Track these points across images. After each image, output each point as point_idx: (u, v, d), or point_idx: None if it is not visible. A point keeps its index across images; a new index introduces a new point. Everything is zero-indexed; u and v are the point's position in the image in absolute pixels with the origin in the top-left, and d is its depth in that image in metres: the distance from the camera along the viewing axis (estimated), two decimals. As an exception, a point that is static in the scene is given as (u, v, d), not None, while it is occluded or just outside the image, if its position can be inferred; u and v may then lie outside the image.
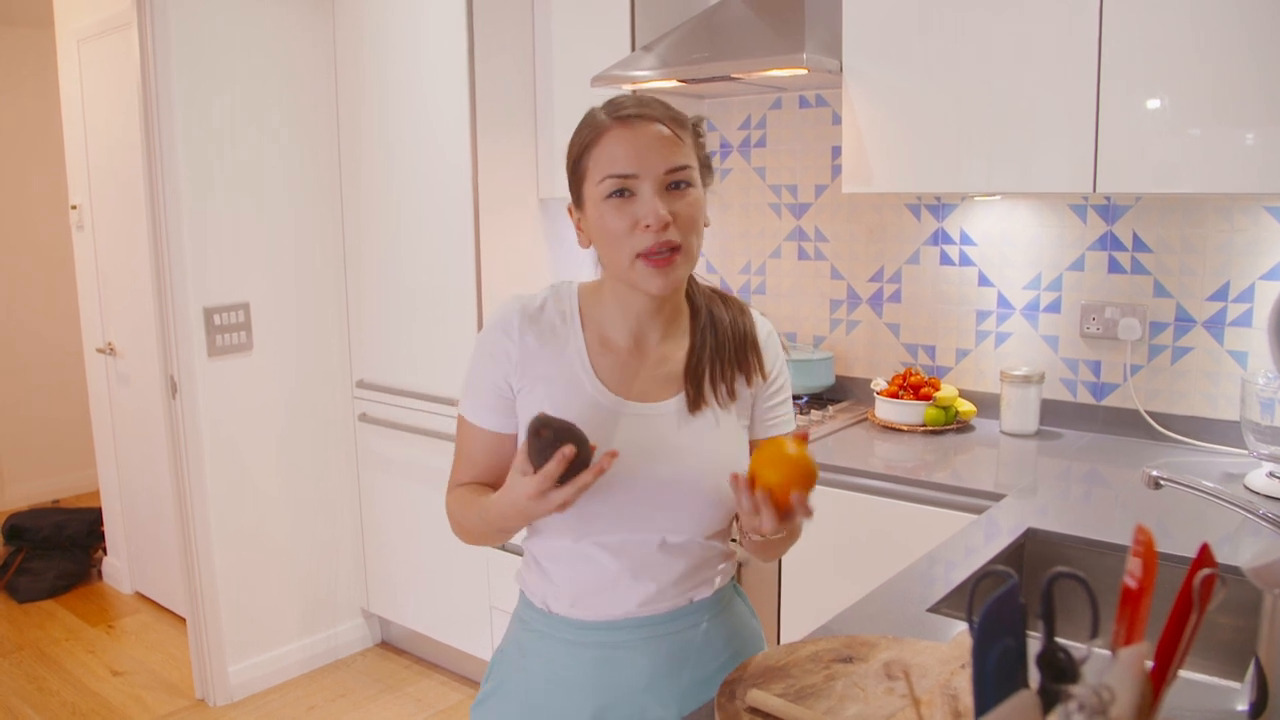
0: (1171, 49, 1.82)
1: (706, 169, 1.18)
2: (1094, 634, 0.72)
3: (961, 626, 1.27)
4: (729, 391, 1.19)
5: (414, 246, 2.88)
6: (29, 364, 4.83)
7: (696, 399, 1.17)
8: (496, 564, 2.81)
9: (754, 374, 1.22)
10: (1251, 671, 0.97)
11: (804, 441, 1.04)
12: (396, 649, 3.32)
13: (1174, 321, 2.23)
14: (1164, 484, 1.40)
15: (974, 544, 1.63)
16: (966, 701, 0.99)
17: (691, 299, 1.24)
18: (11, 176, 4.75)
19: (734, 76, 2.33)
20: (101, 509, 3.91)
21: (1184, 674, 1.11)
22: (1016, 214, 2.42)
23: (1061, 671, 0.71)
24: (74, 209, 3.75)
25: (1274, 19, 1.72)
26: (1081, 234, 2.33)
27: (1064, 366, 2.39)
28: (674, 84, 2.44)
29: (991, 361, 2.50)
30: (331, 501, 3.19)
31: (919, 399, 2.39)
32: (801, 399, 2.67)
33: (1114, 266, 2.30)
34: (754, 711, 1.00)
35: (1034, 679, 0.73)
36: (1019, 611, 0.74)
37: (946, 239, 2.54)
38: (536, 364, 1.17)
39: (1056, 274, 2.38)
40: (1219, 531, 1.66)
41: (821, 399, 2.71)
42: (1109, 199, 2.28)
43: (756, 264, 2.91)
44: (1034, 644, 0.74)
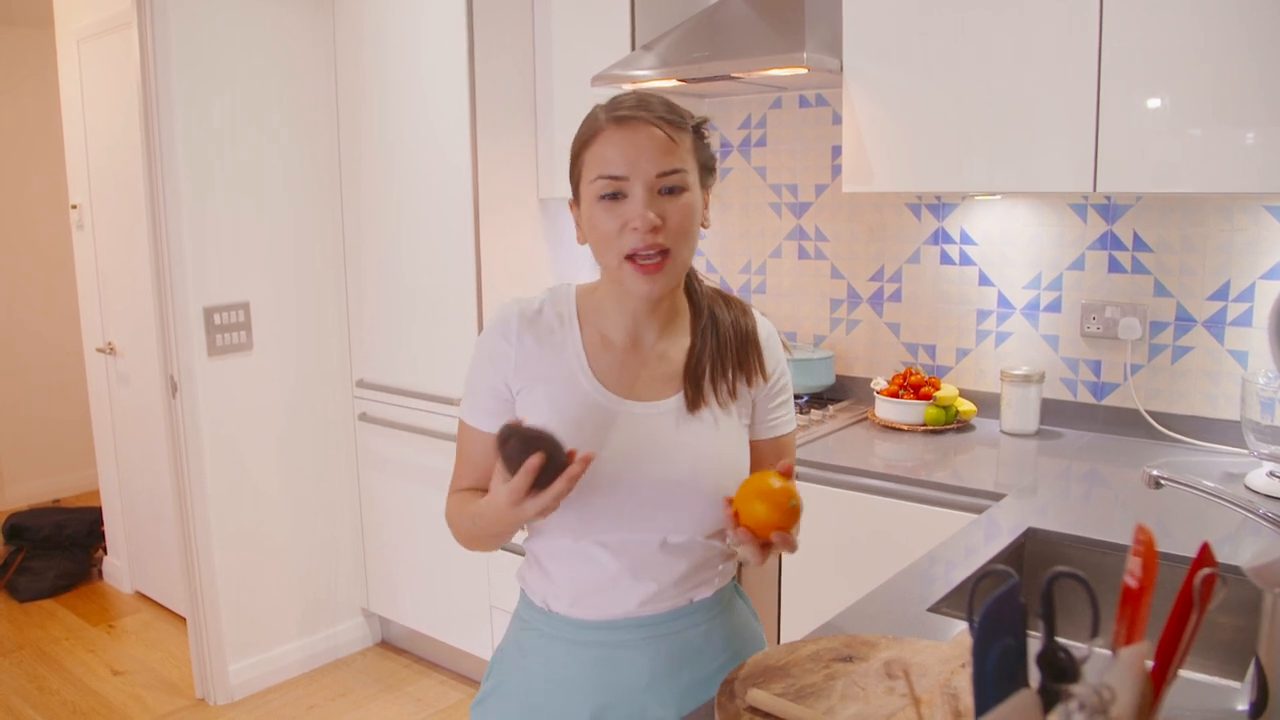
0: (1172, 49, 1.82)
1: (707, 171, 1.17)
2: (1094, 633, 0.72)
3: (961, 626, 1.27)
4: (730, 391, 1.19)
5: (414, 246, 2.88)
6: (29, 363, 4.83)
7: (695, 398, 1.17)
8: (496, 563, 2.82)
9: (755, 374, 1.22)
10: (1252, 671, 0.97)
11: (788, 476, 1.07)
12: (396, 648, 3.32)
13: (1174, 321, 2.23)
14: (1164, 483, 1.40)
15: (974, 543, 1.63)
16: (966, 701, 0.99)
17: (694, 298, 1.24)
18: (11, 176, 4.75)
19: (734, 76, 2.33)
20: (102, 508, 3.91)
21: (1184, 673, 1.11)
22: (1017, 213, 2.42)
23: (1062, 671, 0.71)
24: (74, 208, 3.75)
25: (1274, 19, 1.72)
26: (1082, 233, 2.33)
27: (1064, 366, 2.39)
28: (674, 83, 2.44)
29: (992, 361, 2.50)
30: (331, 501, 3.19)
31: (919, 398, 2.39)
32: (802, 398, 2.68)
33: (1114, 266, 2.30)
34: (754, 711, 1.00)
35: (1034, 678, 0.73)
36: (1019, 611, 0.74)
37: (947, 238, 2.54)
38: (535, 365, 1.17)
39: (1057, 273, 2.38)
40: (1219, 531, 1.66)
41: (821, 398, 2.71)
42: (1109, 198, 2.28)
43: (757, 263, 2.91)
44: (1034, 643, 0.73)
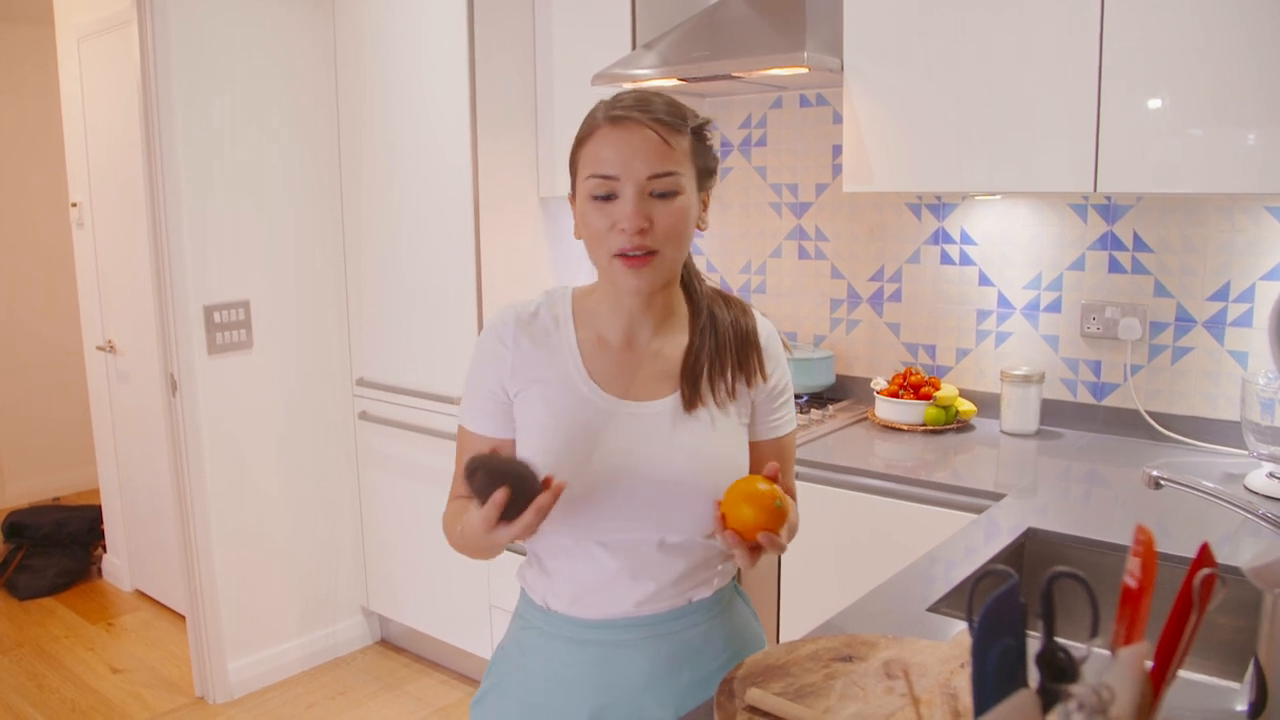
0: (1172, 49, 1.82)
1: (706, 174, 1.17)
2: (1094, 634, 0.72)
3: (961, 626, 1.27)
4: (729, 391, 1.19)
5: (414, 245, 2.88)
6: (29, 361, 4.83)
7: (692, 398, 1.17)
8: (496, 562, 2.81)
9: (755, 374, 1.22)
10: (1251, 671, 0.97)
11: (774, 479, 1.07)
12: (396, 647, 3.32)
13: (1174, 321, 2.23)
14: (1164, 484, 1.40)
15: (974, 543, 1.63)
16: (966, 701, 0.99)
17: (693, 298, 1.24)
18: (11, 174, 4.75)
19: (735, 75, 2.33)
20: (101, 506, 3.91)
21: (1184, 674, 1.11)
22: (1017, 213, 2.42)
23: (1061, 671, 0.71)
24: (74, 206, 3.75)
25: (1274, 19, 1.72)
26: (1082, 234, 2.33)
27: (1064, 366, 2.39)
28: (674, 83, 2.44)
29: (992, 361, 2.50)
30: (331, 499, 3.19)
31: (919, 398, 2.39)
32: (802, 398, 2.68)
33: (1114, 266, 2.30)
34: (753, 710, 1.00)
35: (1034, 678, 0.73)
36: (1019, 611, 0.74)
37: (947, 238, 2.54)
38: (531, 368, 1.18)
39: (1057, 274, 2.38)
40: (1219, 531, 1.66)
41: (821, 398, 2.71)
42: (1109, 199, 2.28)
43: (757, 263, 2.91)
44: (1034, 643, 0.73)
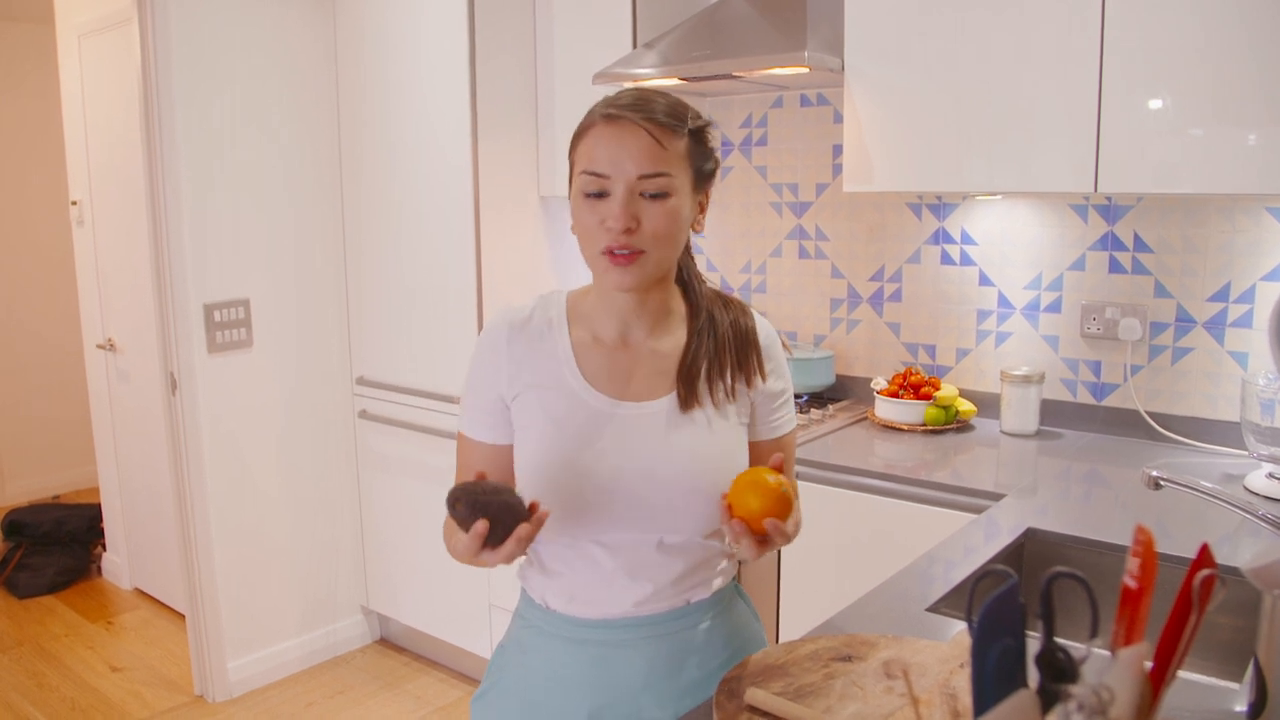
0: (1173, 49, 1.82)
1: (703, 177, 1.16)
2: (1093, 634, 0.72)
3: (961, 626, 1.27)
4: (728, 392, 1.19)
5: (414, 244, 2.88)
6: (29, 360, 4.83)
7: (688, 398, 1.17)
8: (496, 562, 2.81)
9: (754, 374, 1.22)
10: (1250, 672, 0.97)
11: (780, 470, 1.08)
12: (396, 646, 3.32)
13: (1174, 322, 2.23)
14: (1164, 484, 1.40)
15: (973, 543, 1.63)
16: (965, 701, 0.99)
17: (692, 299, 1.24)
18: (12, 172, 4.75)
19: (735, 75, 2.33)
20: (101, 505, 3.91)
21: (1183, 674, 1.11)
22: (1017, 214, 2.42)
23: (1061, 671, 0.71)
24: (74, 205, 3.74)
25: (1275, 19, 1.72)
26: (1082, 234, 2.33)
27: (1064, 366, 2.39)
28: (675, 82, 2.44)
29: (992, 361, 2.50)
30: (331, 498, 3.19)
31: (919, 398, 2.39)
32: (802, 398, 2.67)
33: (1115, 266, 2.29)
34: (752, 710, 1.00)
35: (1033, 679, 0.73)
36: (1018, 611, 0.74)
37: (947, 238, 2.54)
38: (526, 372, 1.18)
39: (1057, 274, 2.37)
40: (1219, 532, 1.66)
41: (821, 398, 2.71)
42: (1110, 199, 2.28)
43: (757, 263, 2.91)
44: (1033, 644, 0.73)
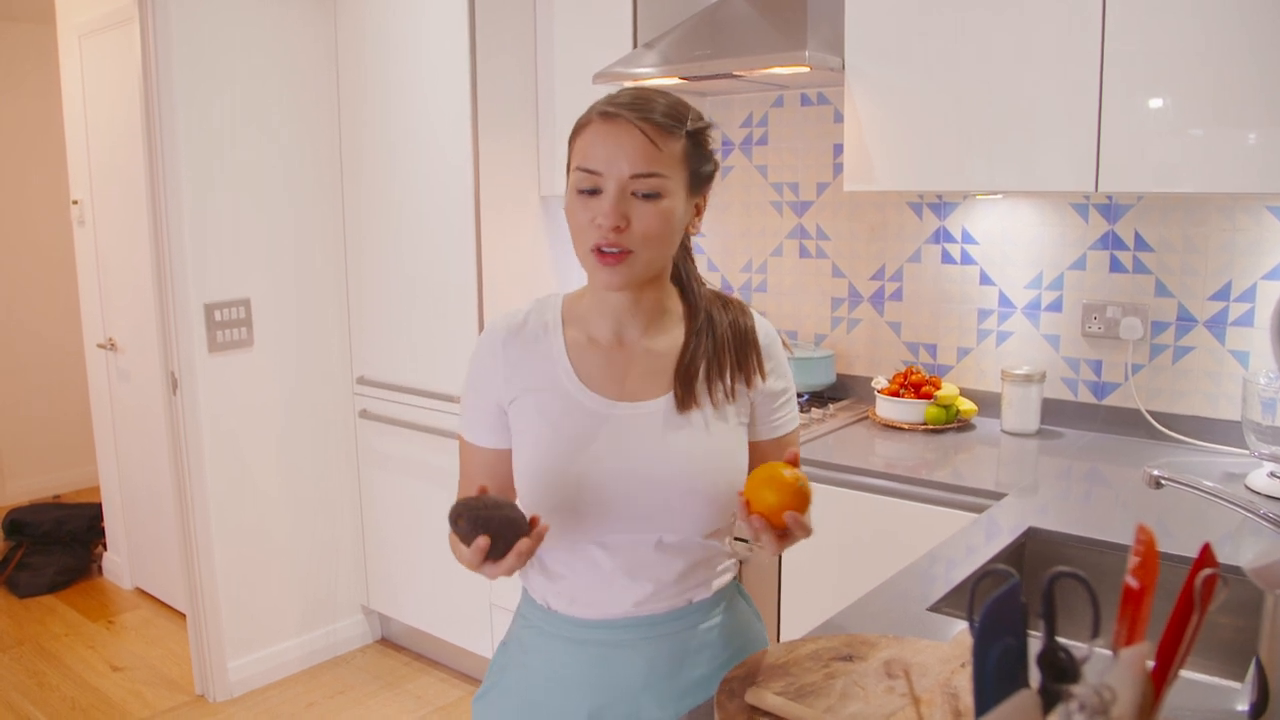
0: (1173, 49, 1.82)
1: (700, 179, 1.15)
2: (1095, 634, 0.72)
3: (962, 625, 1.27)
4: (727, 393, 1.19)
5: (415, 244, 2.88)
6: (29, 359, 4.83)
7: (685, 398, 1.17)
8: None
9: (754, 374, 1.22)
10: (1252, 671, 0.97)
11: (795, 464, 1.07)
12: (396, 645, 3.32)
13: (1175, 321, 2.23)
14: (1165, 483, 1.40)
15: (974, 543, 1.63)
16: (966, 701, 0.99)
17: (690, 299, 1.24)
18: (12, 172, 4.75)
19: (736, 74, 2.33)
20: (102, 504, 3.91)
21: (1185, 674, 1.11)
22: (1018, 213, 2.42)
23: (1062, 671, 0.71)
24: (75, 204, 3.74)
25: (1274, 20, 1.72)
26: (1083, 233, 2.33)
27: (1065, 366, 2.39)
28: (676, 81, 2.43)
29: (992, 360, 2.50)
30: (331, 497, 3.19)
31: (920, 397, 2.39)
32: (802, 397, 2.67)
33: (1116, 266, 2.29)
34: (753, 710, 1.00)
35: (1034, 678, 0.73)
36: (1020, 611, 0.73)
37: (948, 237, 2.54)
38: (522, 376, 1.18)
39: (1058, 273, 2.37)
40: (1220, 531, 1.66)
41: (822, 397, 2.71)
42: (1111, 198, 2.28)
43: (758, 262, 2.91)
44: (1035, 643, 0.73)
